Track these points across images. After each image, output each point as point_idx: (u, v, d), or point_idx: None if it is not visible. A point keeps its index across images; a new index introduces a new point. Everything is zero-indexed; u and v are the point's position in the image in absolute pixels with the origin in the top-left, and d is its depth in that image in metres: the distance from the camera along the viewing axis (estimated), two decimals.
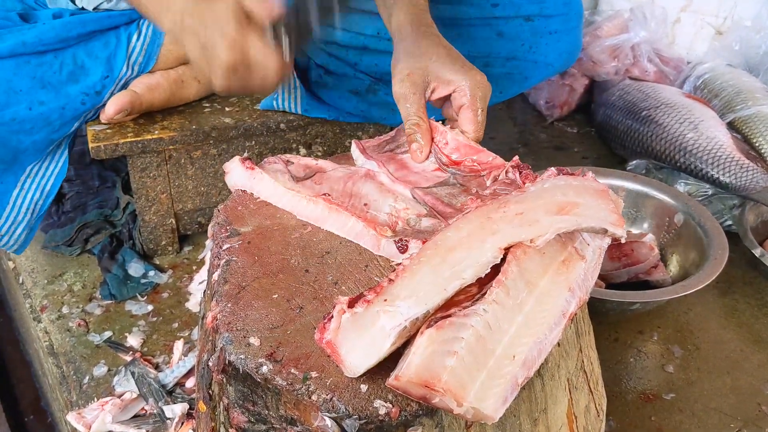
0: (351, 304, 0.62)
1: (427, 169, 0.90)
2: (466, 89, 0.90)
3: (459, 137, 0.89)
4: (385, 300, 0.62)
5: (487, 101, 0.92)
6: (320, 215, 0.81)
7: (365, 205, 0.83)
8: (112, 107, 1.23)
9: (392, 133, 0.97)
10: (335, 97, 1.34)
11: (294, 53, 0.92)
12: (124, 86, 1.26)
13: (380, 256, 0.78)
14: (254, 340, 0.66)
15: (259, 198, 0.87)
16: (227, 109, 1.35)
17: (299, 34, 0.90)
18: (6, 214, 1.24)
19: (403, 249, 0.75)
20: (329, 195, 0.83)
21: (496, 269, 0.65)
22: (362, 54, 1.31)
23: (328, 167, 0.90)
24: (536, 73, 1.35)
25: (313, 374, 0.63)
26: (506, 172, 0.82)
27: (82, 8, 1.25)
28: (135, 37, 1.25)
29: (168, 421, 1.05)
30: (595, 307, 1.13)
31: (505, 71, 1.33)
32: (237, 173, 0.88)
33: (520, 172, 0.81)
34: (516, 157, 0.84)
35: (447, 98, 0.94)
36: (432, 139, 0.91)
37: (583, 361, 0.82)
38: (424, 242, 0.69)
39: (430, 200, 0.82)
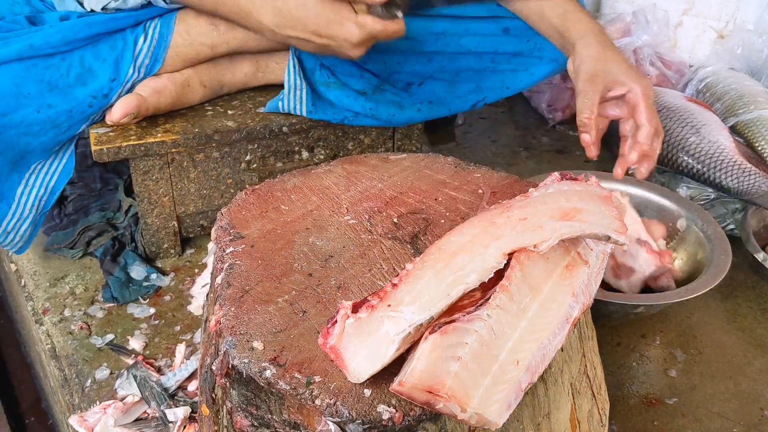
0: (355, 309, 0.62)
1: None
2: (639, 91, 1.09)
3: None
4: (389, 305, 0.62)
5: (653, 100, 1.11)
6: None
7: None
8: (118, 111, 1.23)
9: None
10: (342, 97, 1.34)
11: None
12: (131, 88, 1.26)
13: (383, 260, 0.78)
14: (257, 344, 0.66)
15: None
16: (230, 112, 1.35)
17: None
18: (12, 210, 1.24)
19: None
20: None
21: (499, 274, 0.65)
22: (369, 54, 1.31)
23: None
24: (541, 69, 1.39)
25: (317, 378, 0.63)
26: None
27: (91, 10, 1.25)
28: (141, 39, 1.24)
29: (170, 425, 1.05)
30: (598, 310, 1.13)
31: (511, 67, 1.38)
32: None
33: None
34: None
35: (620, 99, 1.10)
36: (600, 132, 1.08)
37: (586, 366, 0.82)
38: None
39: None
